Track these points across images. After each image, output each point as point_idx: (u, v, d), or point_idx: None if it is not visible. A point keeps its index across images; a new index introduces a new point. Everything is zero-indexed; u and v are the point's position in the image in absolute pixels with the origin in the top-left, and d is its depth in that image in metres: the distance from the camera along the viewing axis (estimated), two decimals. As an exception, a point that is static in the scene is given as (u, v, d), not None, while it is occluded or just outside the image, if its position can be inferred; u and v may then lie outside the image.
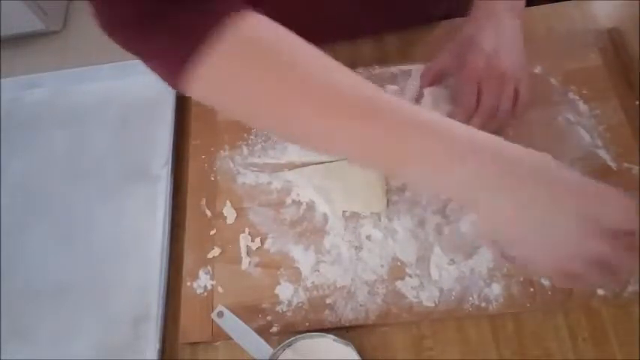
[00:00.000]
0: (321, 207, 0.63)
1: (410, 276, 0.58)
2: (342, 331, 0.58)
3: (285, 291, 0.60)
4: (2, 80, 0.84)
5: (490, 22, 0.60)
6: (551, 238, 0.39)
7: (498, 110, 0.58)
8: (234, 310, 0.57)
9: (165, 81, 0.42)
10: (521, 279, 0.56)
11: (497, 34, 0.59)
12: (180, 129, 0.73)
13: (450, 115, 0.48)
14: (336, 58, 0.75)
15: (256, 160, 0.68)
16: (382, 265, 0.59)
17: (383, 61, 0.72)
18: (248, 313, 0.59)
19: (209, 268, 0.63)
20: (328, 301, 0.59)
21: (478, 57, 0.58)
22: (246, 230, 0.64)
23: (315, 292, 0.60)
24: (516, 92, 0.58)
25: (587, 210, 0.38)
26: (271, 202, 0.65)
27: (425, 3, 0.73)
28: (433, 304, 0.57)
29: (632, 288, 0.53)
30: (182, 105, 0.75)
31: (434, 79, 0.65)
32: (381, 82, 0.69)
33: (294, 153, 0.67)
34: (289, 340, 0.56)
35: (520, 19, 0.60)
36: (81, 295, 0.66)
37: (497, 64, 0.58)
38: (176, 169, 0.71)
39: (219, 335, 0.58)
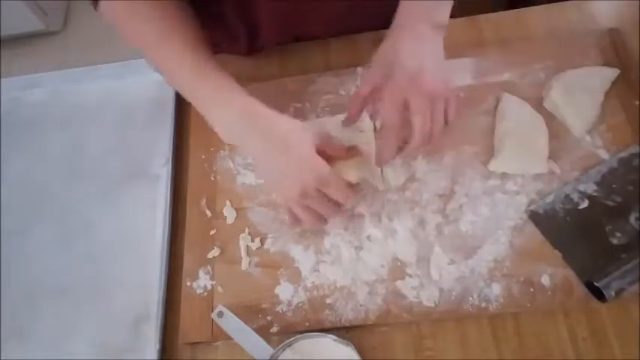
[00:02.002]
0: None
1: (410, 276, 0.58)
2: (342, 331, 0.58)
3: (285, 291, 0.60)
4: (2, 80, 0.84)
5: (411, 36, 0.56)
6: (275, 173, 0.57)
7: (431, 133, 0.56)
8: (234, 310, 0.57)
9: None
10: (522, 279, 0.56)
11: (421, 50, 0.56)
12: (180, 129, 0.73)
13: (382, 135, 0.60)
14: (334, 57, 0.76)
15: (256, 160, 0.68)
16: (382, 265, 0.59)
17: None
18: (248, 313, 0.59)
19: (209, 268, 0.63)
20: (328, 301, 0.59)
21: (402, 75, 0.55)
22: (246, 230, 0.64)
23: (315, 292, 0.60)
24: (445, 113, 0.56)
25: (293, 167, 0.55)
26: (271, 202, 0.65)
27: None
28: (433, 304, 0.57)
29: (632, 288, 0.54)
30: (182, 105, 0.75)
31: (363, 104, 0.61)
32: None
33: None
34: (289, 340, 0.56)
35: (442, 35, 0.57)
36: (81, 295, 0.66)
37: (423, 82, 0.54)
38: (176, 169, 0.71)
39: (219, 335, 0.58)
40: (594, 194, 0.59)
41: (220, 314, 0.57)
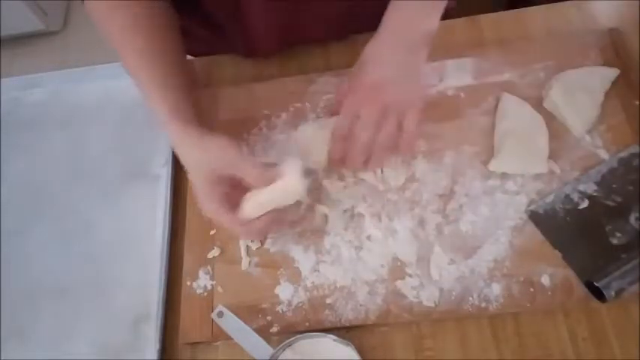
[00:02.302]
0: (321, 207, 0.63)
1: (410, 276, 0.58)
2: (342, 331, 0.58)
3: (285, 291, 0.60)
4: (2, 80, 0.84)
5: (389, 44, 0.55)
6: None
7: (375, 144, 0.56)
8: (234, 310, 0.57)
9: None
10: (522, 279, 0.56)
11: (391, 60, 0.55)
12: (180, 129, 0.73)
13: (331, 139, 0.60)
14: (334, 58, 0.76)
15: (256, 160, 0.68)
16: (382, 265, 0.59)
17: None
18: (248, 313, 0.59)
19: (209, 268, 0.63)
20: (328, 301, 0.59)
21: (363, 83, 0.55)
22: (246, 230, 0.64)
23: (315, 292, 0.60)
24: (401, 126, 0.56)
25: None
26: (271, 202, 0.65)
27: None
28: (433, 304, 0.57)
29: (632, 288, 0.54)
30: (182, 105, 0.74)
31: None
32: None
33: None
34: (289, 340, 0.56)
35: (427, 42, 0.56)
36: (81, 295, 0.66)
37: (381, 94, 0.54)
38: (176, 169, 0.71)
39: (219, 335, 0.58)
40: (594, 194, 0.59)
41: (220, 314, 0.57)
